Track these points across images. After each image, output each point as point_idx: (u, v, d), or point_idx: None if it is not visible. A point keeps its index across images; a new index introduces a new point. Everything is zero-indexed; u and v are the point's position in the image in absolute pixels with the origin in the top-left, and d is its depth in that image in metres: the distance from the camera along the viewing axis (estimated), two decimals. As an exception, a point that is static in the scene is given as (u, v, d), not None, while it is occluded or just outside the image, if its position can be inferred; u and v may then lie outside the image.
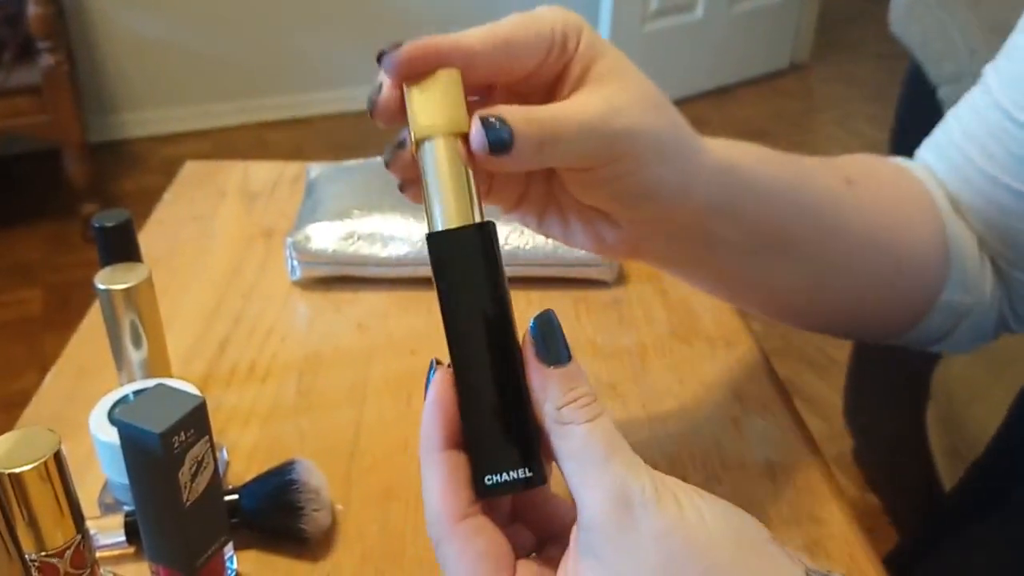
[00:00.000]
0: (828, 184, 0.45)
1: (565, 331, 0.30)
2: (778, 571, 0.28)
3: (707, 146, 0.38)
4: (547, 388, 0.29)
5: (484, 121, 0.31)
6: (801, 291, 0.46)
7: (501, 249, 0.31)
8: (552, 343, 0.29)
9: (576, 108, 0.33)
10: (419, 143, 0.31)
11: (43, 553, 0.35)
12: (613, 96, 0.34)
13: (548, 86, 0.35)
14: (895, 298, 0.49)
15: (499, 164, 0.31)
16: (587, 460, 0.28)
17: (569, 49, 0.34)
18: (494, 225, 0.30)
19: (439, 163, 0.31)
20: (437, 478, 0.29)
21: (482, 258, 0.30)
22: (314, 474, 0.45)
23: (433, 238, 0.30)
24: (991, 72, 0.50)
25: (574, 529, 0.29)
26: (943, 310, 0.49)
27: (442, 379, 0.30)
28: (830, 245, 0.45)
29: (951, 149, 0.51)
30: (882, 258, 0.47)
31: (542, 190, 0.39)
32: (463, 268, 0.30)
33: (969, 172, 0.49)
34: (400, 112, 0.32)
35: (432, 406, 0.30)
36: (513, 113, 0.31)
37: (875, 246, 0.46)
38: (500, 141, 0.31)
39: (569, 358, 0.29)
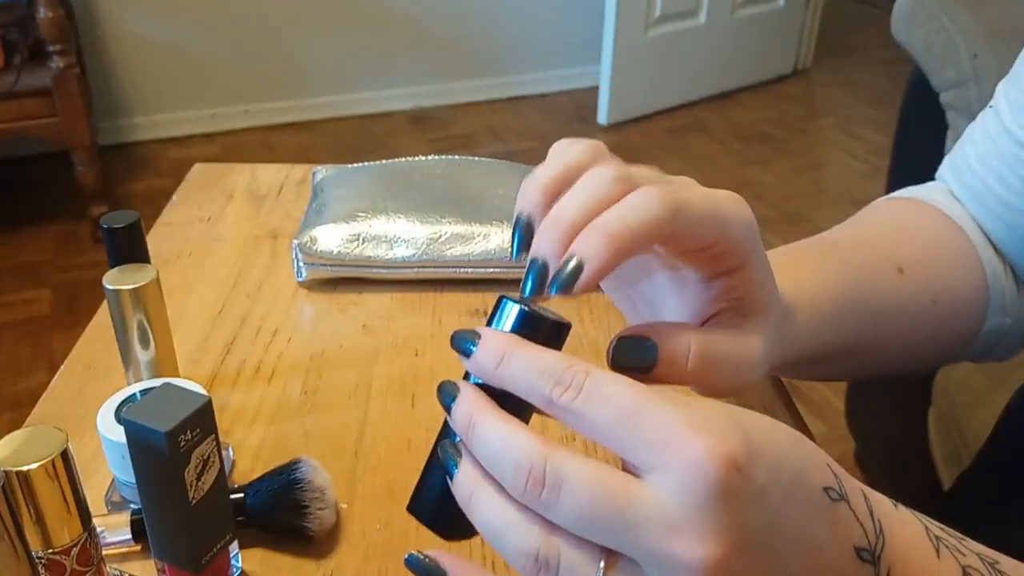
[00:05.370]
0: (884, 285, 0.48)
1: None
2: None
3: (793, 310, 0.41)
4: None
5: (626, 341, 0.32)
6: (858, 371, 0.51)
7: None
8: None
9: (744, 349, 0.35)
10: None
11: (50, 551, 0.35)
12: (769, 335, 0.36)
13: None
14: (945, 343, 0.52)
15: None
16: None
17: (742, 252, 0.34)
18: None
19: None
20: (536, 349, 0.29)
21: None
22: (319, 473, 0.46)
23: None
24: (1002, 96, 0.51)
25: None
26: (986, 335, 0.52)
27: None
28: (888, 339, 0.48)
29: (968, 173, 0.52)
30: (933, 328, 0.50)
31: (641, 280, 0.39)
32: None
33: (985, 196, 0.51)
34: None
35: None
36: (699, 342, 0.33)
37: (927, 322, 0.49)
38: (640, 367, 0.32)
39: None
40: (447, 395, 0.30)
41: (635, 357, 0.32)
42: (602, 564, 0.26)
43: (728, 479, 0.25)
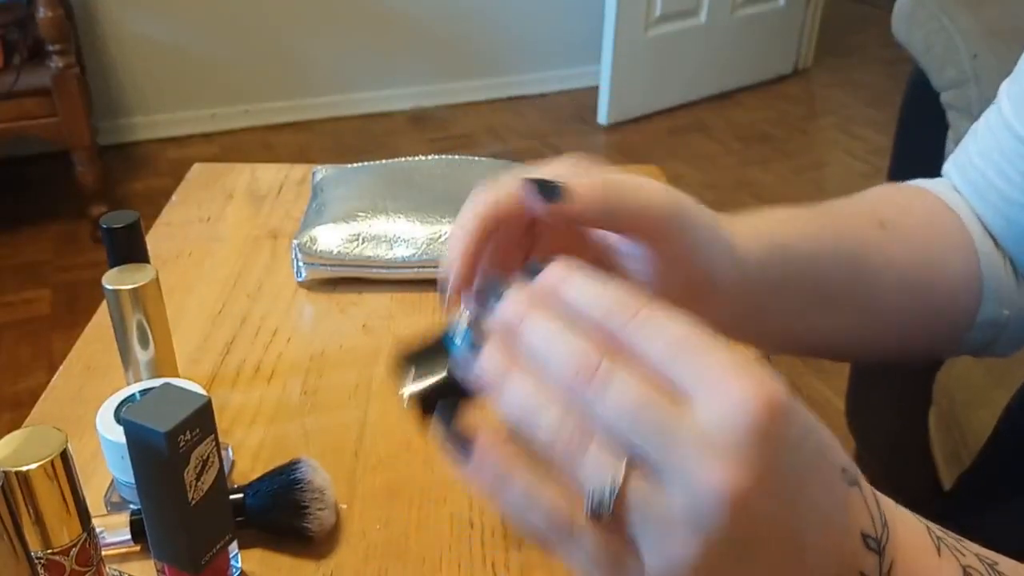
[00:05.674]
0: (863, 234, 0.48)
1: None
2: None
3: (749, 232, 0.41)
4: None
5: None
6: (847, 334, 0.49)
7: None
8: None
9: (641, 181, 0.35)
10: None
11: (49, 551, 0.36)
12: (670, 188, 0.37)
13: None
14: (935, 325, 0.51)
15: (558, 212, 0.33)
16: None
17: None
18: None
19: None
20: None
21: None
22: (318, 473, 0.46)
23: None
24: (1004, 92, 0.51)
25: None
26: (982, 326, 0.51)
27: None
28: (870, 291, 0.47)
29: (970, 169, 0.53)
30: (919, 293, 0.49)
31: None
32: None
33: (986, 190, 0.51)
34: None
35: None
36: (602, 173, 0.34)
37: (911, 284, 0.49)
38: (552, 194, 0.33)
39: None
40: (496, 288, 0.30)
41: (548, 192, 0.33)
42: (624, 465, 0.26)
43: (770, 421, 0.25)
